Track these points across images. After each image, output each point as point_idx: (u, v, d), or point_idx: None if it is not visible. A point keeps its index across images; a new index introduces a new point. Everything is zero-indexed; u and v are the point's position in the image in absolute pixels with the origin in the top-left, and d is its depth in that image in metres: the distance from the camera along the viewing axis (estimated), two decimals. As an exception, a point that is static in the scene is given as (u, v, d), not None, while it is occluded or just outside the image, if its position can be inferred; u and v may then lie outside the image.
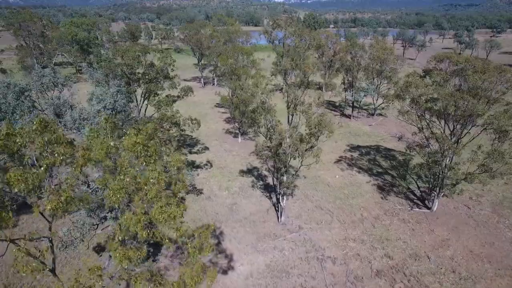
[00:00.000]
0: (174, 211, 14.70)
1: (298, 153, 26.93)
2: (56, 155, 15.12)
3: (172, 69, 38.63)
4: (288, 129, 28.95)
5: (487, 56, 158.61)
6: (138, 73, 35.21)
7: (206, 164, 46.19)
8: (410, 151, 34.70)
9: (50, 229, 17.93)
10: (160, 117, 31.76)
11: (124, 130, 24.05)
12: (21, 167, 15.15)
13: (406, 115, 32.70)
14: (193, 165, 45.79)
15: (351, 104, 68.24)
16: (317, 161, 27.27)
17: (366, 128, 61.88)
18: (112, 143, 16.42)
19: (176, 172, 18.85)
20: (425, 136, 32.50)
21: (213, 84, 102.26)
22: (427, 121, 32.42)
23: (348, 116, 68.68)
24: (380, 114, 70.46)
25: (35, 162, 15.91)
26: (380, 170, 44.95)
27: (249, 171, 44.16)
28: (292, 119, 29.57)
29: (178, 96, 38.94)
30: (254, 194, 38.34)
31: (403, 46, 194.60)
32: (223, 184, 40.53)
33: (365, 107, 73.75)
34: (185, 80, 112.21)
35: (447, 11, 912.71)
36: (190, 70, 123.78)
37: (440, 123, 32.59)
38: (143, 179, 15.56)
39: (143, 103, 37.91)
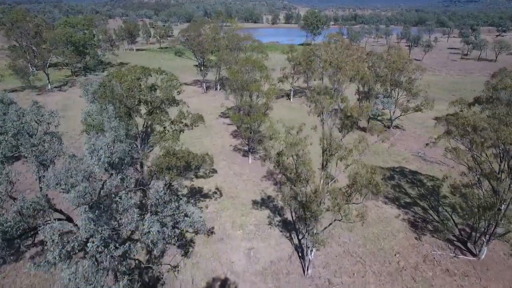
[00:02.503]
0: None
1: (337, 210, 22.35)
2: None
3: (178, 92, 33.79)
4: (322, 176, 24.49)
5: (496, 57, 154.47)
6: (140, 100, 30.31)
7: (215, 193, 41.60)
8: (455, 193, 30.09)
9: None
10: (165, 154, 26.98)
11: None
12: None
13: (456, 154, 28.06)
14: (200, 194, 41.27)
15: (367, 119, 63.81)
16: (363, 223, 22.81)
17: (385, 145, 57.40)
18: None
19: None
20: (477, 177, 27.91)
21: (216, 89, 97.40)
22: (480, 160, 27.82)
23: (364, 129, 64.18)
24: (397, 127, 66.12)
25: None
26: (408, 200, 40.57)
27: (264, 202, 39.66)
28: (326, 164, 25.01)
29: (186, 125, 34.13)
30: (272, 234, 33.85)
31: (408, 46, 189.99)
32: (236, 220, 36.00)
33: (380, 118, 69.37)
34: (186, 83, 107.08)
35: (447, 7, 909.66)
36: (190, 72, 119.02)
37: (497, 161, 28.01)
38: None
39: (145, 136, 33.06)
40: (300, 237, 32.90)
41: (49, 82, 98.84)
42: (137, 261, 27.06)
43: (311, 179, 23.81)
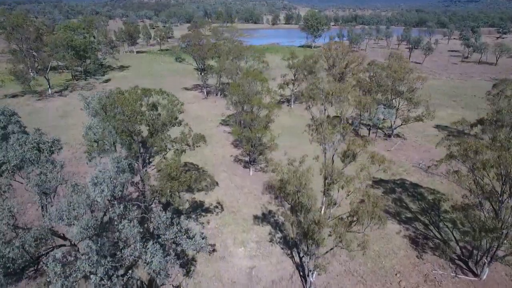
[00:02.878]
0: None
1: (339, 240, 22.35)
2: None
3: (180, 111, 33.74)
4: (324, 202, 24.49)
5: (496, 61, 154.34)
6: (141, 119, 30.17)
7: (217, 207, 41.64)
8: (454, 211, 30.07)
9: None
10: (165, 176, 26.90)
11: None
12: None
13: (457, 177, 28.01)
14: (202, 208, 41.31)
15: (368, 126, 63.88)
16: (364, 253, 22.85)
17: (385, 155, 57.34)
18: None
19: None
20: (478, 200, 27.90)
21: (216, 95, 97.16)
22: (482, 183, 27.77)
23: (364, 138, 64.12)
24: (398, 135, 66.10)
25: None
26: (409, 215, 40.63)
27: (265, 217, 39.70)
28: (328, 190, 25.03)
29: (188, 145, 34.10)
30: (273, 251, 33.89)
31: (408, 48, 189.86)
32: (237, 236, 36.05)
33: (381, 126, 69.32)
34: (186, 88, 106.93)
35: (447, 7, 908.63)
36: (191, 76, 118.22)
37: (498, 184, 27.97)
38: None
39: (146, 158, 33.02)
40: (301, 254, 32.95)
41: (49, 87, 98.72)
42: (139, 282, 27.17)
43: (312, 208, 23.82)
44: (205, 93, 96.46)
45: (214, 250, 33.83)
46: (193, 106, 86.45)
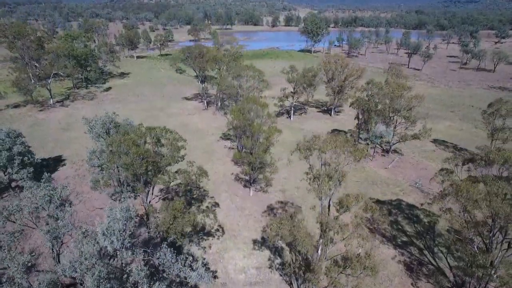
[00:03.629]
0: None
1: (332, 285, 23.48)
2: None
3: (183, 147, 34.65)
4: (321, 244, 25.60)
5: (494, 67, 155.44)
6: (146, 164, 30.95)
7: (218, 230, 42.78)
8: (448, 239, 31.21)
9: None
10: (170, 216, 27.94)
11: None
12: None
13: (450, 216, 29.06)
14: (204, 232, 42.41)
15: (367, 143, 64.93)
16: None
17: (383, 173, 58.59)
18: None
19: None
20: (470, 236, 29.01)
21: (217, 105, 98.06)
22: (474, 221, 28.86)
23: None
24: (395, 151, 67.23)
25: None
26: (404, 238, 41.82)
27: (264, 242, 40.79)
28: (323, 235, 26.11)
29: (191, 180, 35.10)
30: (273, 278, 35.05)
31: (407, 53, 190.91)
32: (238, 262, 37.19)
33: (379, 141, 70.42)
34: (186, 98, 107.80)
35: (447, 7, 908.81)
36: (191, 85, 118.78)
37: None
38: None
39: (150, 190, 34.06)
40: (299, 282, 34.07)
41: (51, 96, 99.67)
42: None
43: (308, 252, 24.90)
44: (205, 103, 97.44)
45: (215, 277, 34.97)
46: (194, 118, 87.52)
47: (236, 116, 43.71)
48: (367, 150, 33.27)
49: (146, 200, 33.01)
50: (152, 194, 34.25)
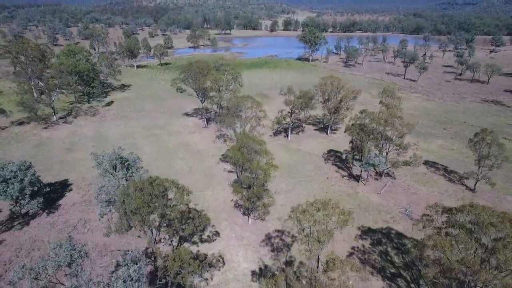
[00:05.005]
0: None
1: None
2: None
3: (188, 201, 37.25)
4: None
5: (488, 80, 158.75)
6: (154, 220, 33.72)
7: (219, 261, 45.56)
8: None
9: None
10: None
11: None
12: None
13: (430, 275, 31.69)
14: (205, 262, 45.19)
15: (360, 163, 67.79)
16: None
17: (375, 199, 61.52)
18: None
19: None
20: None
21: (216, 122, 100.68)
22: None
23: (356, 179, 68.21)
24: (388, 174, 70.17)
25: None
26: (393, 270, 44.72)
27: (261, 272, 43.67)
28: None
29: (195, 226, 37.90)
30: (270, 312, 37.90)
31: (403, 62, 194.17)
32: (238, 295, 40.09)
33: (371, 168, 73.10)
34: (186, 114, 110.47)
35: (444, 9, 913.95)
36: (190, 99, 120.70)
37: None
38: None
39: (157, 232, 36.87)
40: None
41: (54, 113, 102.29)
42: None
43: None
44: (205, 121, 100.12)
45: (217, 311, 37.79)
46: (194, 137, 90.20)
47: (235, 154, 46.50)
48: (350, 215, 34.85)
49: (154, 243, 35.81)
50: (159, 236, 36.97)
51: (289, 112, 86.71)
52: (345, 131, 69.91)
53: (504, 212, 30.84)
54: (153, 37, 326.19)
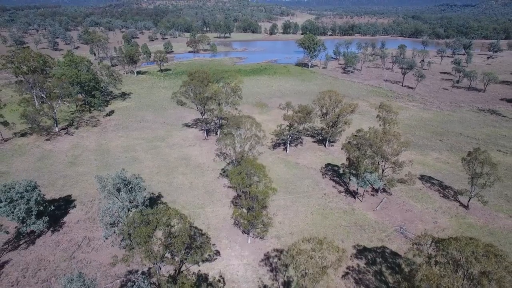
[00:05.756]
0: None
1: None
2: None
3: (190, 233, 38.92)
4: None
5: (485, 88, 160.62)
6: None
7: (219, 281, 47.25)
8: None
9: None
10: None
11: None
12: None
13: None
14: (207, 283, 46.85)
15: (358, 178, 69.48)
16: None
17: (371, 216, 63.20)
18: None
19: None
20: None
21: (216, 134, 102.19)
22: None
23: (353, 195, 69.90)
24: (384, 190, 71.80)
25: None
26: (387, 290, 46.45)
27: (261, 294, 45.44)
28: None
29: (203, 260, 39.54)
30: (268, 335, 39.62)
31: (401, 68, 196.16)
32: (237, 317, 41.75)
33: (367, 187, 74.29)
34: (186, 125, 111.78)
35: (443, 11, 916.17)
36: (190, 110, 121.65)
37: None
38: None
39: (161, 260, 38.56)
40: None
41: (56, 124, 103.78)
42: None
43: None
44: (205, 132, 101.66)
45: (217, 334, 39.47)
46: (194, 150, 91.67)
47: (235, 179, 48.15)
48: (344, 253, 36.62)
49: (158, 271, 37.48)
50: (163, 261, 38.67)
51: (287, 125, 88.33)
52: (342, 148, 71.47)
53: (490, 245, 32.60)
54: (153, 41, 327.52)
